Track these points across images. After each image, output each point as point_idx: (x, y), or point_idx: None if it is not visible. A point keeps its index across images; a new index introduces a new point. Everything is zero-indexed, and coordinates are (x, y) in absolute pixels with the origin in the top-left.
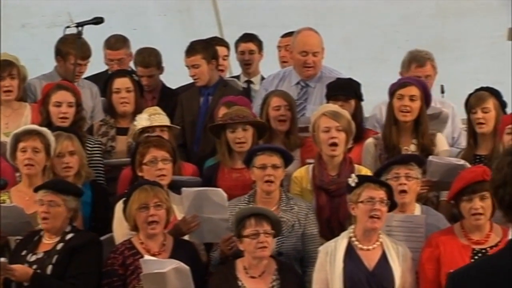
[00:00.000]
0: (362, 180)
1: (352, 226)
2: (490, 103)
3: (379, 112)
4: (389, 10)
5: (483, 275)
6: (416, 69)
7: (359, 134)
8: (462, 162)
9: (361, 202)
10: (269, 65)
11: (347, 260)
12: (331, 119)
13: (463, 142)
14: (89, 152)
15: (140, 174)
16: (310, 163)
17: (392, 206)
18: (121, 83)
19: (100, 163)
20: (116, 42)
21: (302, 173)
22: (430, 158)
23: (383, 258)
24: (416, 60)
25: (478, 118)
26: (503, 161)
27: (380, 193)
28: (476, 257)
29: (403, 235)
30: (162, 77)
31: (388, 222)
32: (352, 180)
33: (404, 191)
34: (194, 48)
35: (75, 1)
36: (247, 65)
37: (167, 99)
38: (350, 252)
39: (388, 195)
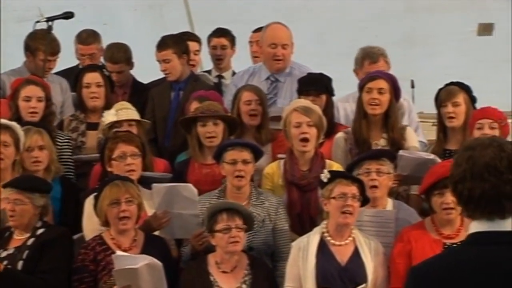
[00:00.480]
0: (334, 175)
1: (325, 222)
2: (461, 98)
3: (335, 109)
4: (359, 6)
5: (444, 271)
6: (370, 65)
7: (330, 129)
8: (432, 156)
9: (333, 198)
10: (240, 60)
11: (320, 255)
12: (302, 115)
13: (420, 135)
14: (59, 147)
15: (109, 169)
16: (281, 158)
17: (364, 201)
18: (91, 78)
19: (70, 159)
20: (88, 37)
21: (273, 169)
22: (400, 152)
23: (356, 254)
24: (369, 56)
25: (449, 112)
26: (462, 156)
27: (352, 189)
28: None
29: (374, 230)
30: (133, 73)
31: (359, 217)
32: (324, 176)
33: (375, 186)
34: (165, 43)
35: None
36: (219, 60)
37: (139, 94)
38: (323, 248)
39: (360, 190)
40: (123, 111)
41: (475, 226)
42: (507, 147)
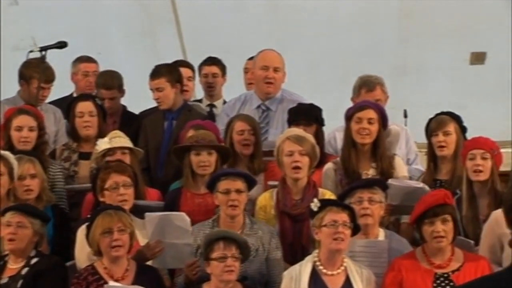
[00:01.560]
0: (325, 204)
1: (316, 251)
2: (451, 127)
3: (333, 138)
4: (352, 35)
5: None
6: (366, 93)
7: (321, 159)
8: (421, 185)
9: (324, 226)
10: (232, 90)
11: (312, 285)
12: (295, 143)
13: (419, 164)
14: (51, 176)
15: (101, 199)
16: (273, 186)
17: (355, 229)
18: (84, 107)
19: (63, 188)
20: (90, 58)
21: (266, 200)
22: (390, 181)
23: (347, 283)
24: (366, 85)
25: (440, 141)
26: None
27: (343, 216)
28: (438, 281)
29: (367, 260)
30: (125, 101)
31: (351, 247)
32: (315, 205)
33: (367, 214)
34: (158, 71)
35: (39, 24)
36: (210, 87)
37: (129, 123)
38: (315, 277)
39: (351, 218)
40: (117, 139)
41: None
42: None
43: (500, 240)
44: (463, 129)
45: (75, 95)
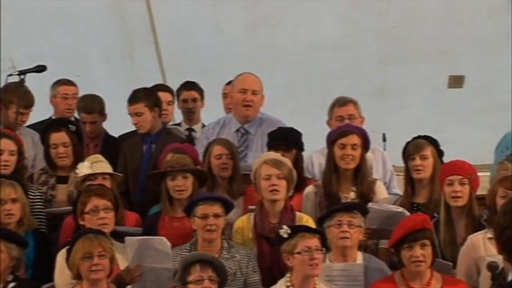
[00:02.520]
0: (296, 230)
1: (288, 274)
2: (428, 151)
3: (310, 162)
4: (331, 57)
5: None
6: (338, 108)
7: (300, 182)
8: (400, 209)
9: (298, 253)
10: (210, 112)
11: None
12: (272, 167)
13: (395, 187)
14: (31, 200)
15: (81, 223)
16: (252, 210)
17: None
18: (57, 138)
19: (42, 212)
20: (69, 81)
21: (244, 223)
22: (370, 205)
23: None
24: (338, 102)
25: (416, 165)
26: (510, 205)
27: (315, 241)
28: None
29: (343, 284)
30: (106, 123)
31: (328, 271)
32: (285, 231)
33: (345, 237)
34: (136, 97)
35: (17, 46)
36: (190, 112)
37: (110, 147)
38: None
39: (322, 242)
40: (98, 164)
41: None
42: None
43: (476, 264)
44: (440, 153)
45: (53, 117)
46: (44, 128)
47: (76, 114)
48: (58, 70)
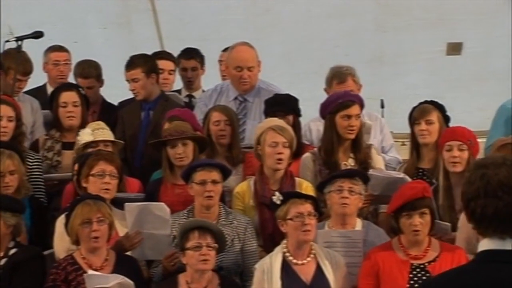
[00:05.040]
0: (287, 196)
1: (285, 241)
2: (434, 116)
3: (308, 129)
4: (328, 24)
5: None
6: (338, 85)
7: (298, 149)
8: (402, 175)
9: (290, 219)
10: (210, 78)
11: (284, 276)
12: (279, 134)
13: (394, 152)
14: (29, 167)
15: (84, 185)
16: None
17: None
18: (68, 97)
19: (40, 179)
20: (61, 47)
21: (243, 188)
22: (371, 171)
23: (319, 271)
24: (337, 77)
25: (422, 130)
26: (475, 174)
27: (307, 207)
28: (414, 272)
29: (342, 250)
30: (104, 91)
31: (327, 237)
32: (277, 198)
33: (345, 204)
34: (133, 62)
35: (14, 14)
36: (189, 81)
37: (108, 113)
38: (286, 268)
39: (315, 206)
40: (100, 131)
41: (486, 244)
42: None
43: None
44: (446, 119)
45: (48, 85)
46: (54, 89)
47: (72, 81)
48: (56, 37)
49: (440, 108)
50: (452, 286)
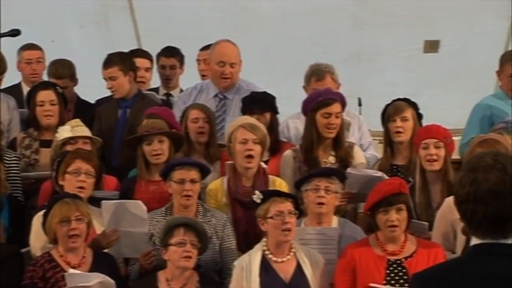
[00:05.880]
0: (268, 195)
1: (264, 239)
2: (409, 113)
3: (286, 126)
4: (306, 22)
5: (453, 283)
6: (316, 83)
7: (276, 146)
8: (380, 174)
9: (271, 217)
10: (187, 77)
11: (263, 274)
12: (249, 131)
13: (372, 150)
14: (6, 165)
15: (61, 183)
16: (229, 166)
17: (299, 214)
18: (45, 96)
19: (18, 177)
20: (33, 45)
21: (216, 186)
22: (349, 170)
23: (298, 269)
24: (315, 74)
25: (397, 127)
26: (466, 177)
27: (288, 205)
28: (391, 268)
29: (317, 248)
30: (81, 90)
31: (302, 235)
32: (257, 197)
33: (321, 203)
34: (111, 60)
35: None
36: (167, 79)
37: (83, 111)
38: (265, 266)
39: (295, 205)
40: (79, 128)
41: (479, 240)
42: (510, 169)
43: (453, 226)
44: (419, 116)
45: (23, 83)
46: (32, 88)
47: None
48: (33, 36)
49: (413, 105)
50: (451, 277)
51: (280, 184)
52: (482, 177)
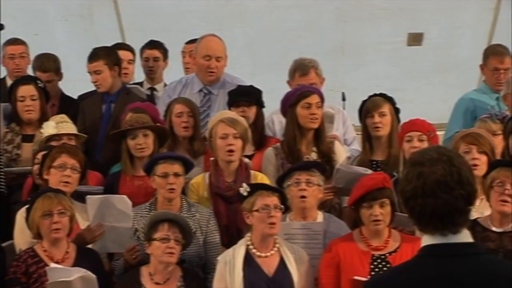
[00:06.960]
0: (254, 188)
1: (249, 234)
2: (386, 108)
3: (271, 121)
4: (290, 14)
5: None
6: (300, 78)
7: (261, 141)
8: (369, 171)
9: (256, 210)
10: (172, 70)
11: (247, 268)
12: (229, 126)
13: (356, 145)
14: None
15: (46, 177)
16: (214, 161)
17: (285, 210)
18: (26, 91)
19: (1, 171)
20: (16, 40)
21: (198, 180)
22: (338, 166)
23: (282, 264)
24: (300, 69)
25: (375, 122)
26: (412, 172)
27: (274, 199)
28: (375, 263)
29: (302, 242)
30: (64, 84)
31: (287, 230)
32: (244, 190)
33: (303, 197)
34: (96, 54)
35: None
36: (151, 71)
37: (67, 107)
38: (249, 260)
39: (281, 200)
40: (64, 124)
41: (429, 239)
42: (456, 161)
43: None
44: (396, 111)
45: (7, 78)
46: (12, 83)
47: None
48: (16, 29)
49: (390, 100)
50: (400, 280)
51: (262, 179)
52: (428, 170)
